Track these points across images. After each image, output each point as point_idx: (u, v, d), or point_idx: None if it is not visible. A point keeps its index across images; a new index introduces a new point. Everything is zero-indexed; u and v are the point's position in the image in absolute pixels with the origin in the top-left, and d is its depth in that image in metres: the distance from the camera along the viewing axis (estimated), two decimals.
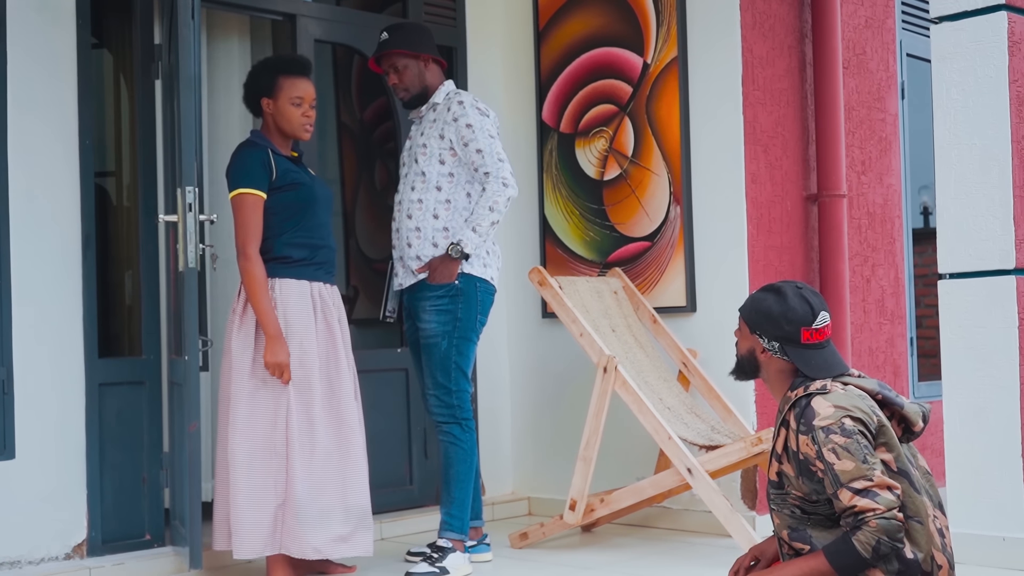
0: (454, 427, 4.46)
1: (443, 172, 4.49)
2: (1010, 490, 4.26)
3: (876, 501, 2.71)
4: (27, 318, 4.31)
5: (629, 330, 5.08)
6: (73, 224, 4.45)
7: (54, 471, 4.36)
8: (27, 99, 4.34)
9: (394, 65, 4.59)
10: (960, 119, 4.42)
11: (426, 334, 4.47)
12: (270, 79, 4.24)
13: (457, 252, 4.38)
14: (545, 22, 5.79)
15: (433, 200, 4.48)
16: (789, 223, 5.30)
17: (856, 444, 2.75)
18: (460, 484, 4.45)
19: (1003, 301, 4.31)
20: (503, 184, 4.43)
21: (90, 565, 4.32)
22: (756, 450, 4.39)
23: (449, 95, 4.60)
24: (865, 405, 2.84)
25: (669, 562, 4.59)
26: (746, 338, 3.05)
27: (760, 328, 2.99)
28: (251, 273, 4.10)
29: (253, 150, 4.20)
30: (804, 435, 2.81)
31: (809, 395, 2.86)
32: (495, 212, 4.43)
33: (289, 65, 4.30)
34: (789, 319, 2.94)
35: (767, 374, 3.03)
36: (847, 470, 2.74)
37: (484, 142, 4.45)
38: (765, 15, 5.25)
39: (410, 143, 4.66)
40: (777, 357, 2.98)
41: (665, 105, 5.32)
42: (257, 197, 4.12)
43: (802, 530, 2.88)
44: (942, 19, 4.48)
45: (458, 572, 4.35)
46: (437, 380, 4.46)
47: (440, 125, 4.51)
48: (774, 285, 3.02)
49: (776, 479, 2.94)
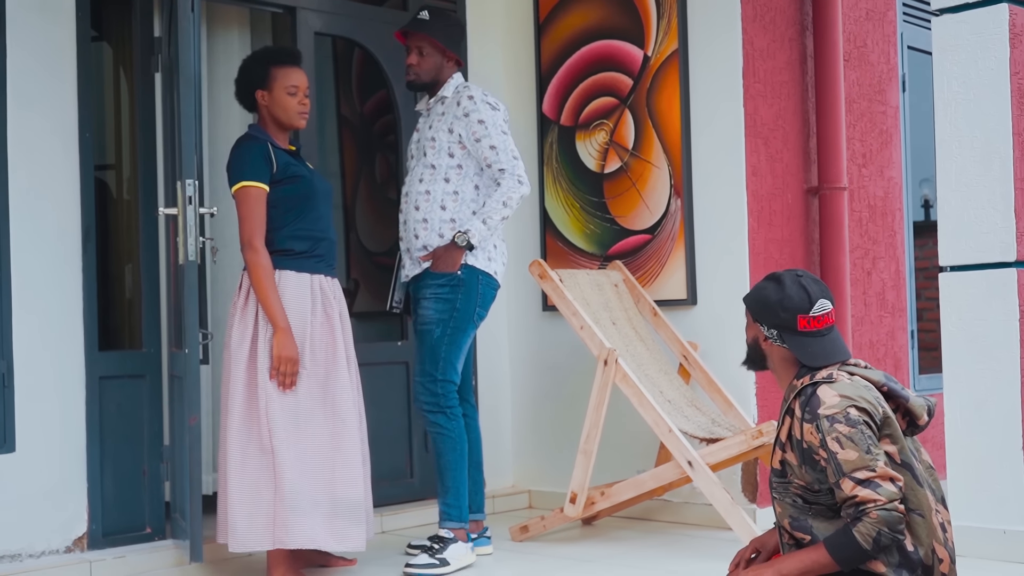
0: (440, 416, 4.45)
1: (452, 164, 4.48)
2: (1011, 483, 4.26)
3: (878, 492, 2.71)
4: (27, 311, 4.31)
5: (630, 323, 5.08)
6: (73, 217, 4.45)
7: (55, 464, 4.37)
8: (27, 92, 4.34)
9: (420, 48, 4.55)
10: (961, 112, 4.42)
11: (421, 320, 4.46)
12: (263, 71, 4.22)
13: (464, 241, 4.37)
14: (545, 14, 5.79)
15: (441, 191, 4.46)
16: (790, 216, 5.30)
17: (860, 434, 2.75)
18: (452, 473, 4.44)
19: (1004, 294, 4.31)
20: (518, 181, 4.43)
21: (91, 558, 4.32)
22: (757, 443, 4.39)
23: (458, 89, 4.57)
24: (871, 396, 2.84)
25: (670, 555, 4.59)
26: (750, 327, 3.07)
27: (760, 316, 3.01)
28: (259, 265, 4.07)
29: (254, 144, 4.19)
30: (808, 423, 2.81)
31: (815, 383, 2.87)
32: (507, 208, 4.42)
33: (280, 55, 4.28)
34: (785, 307, 2.95)
35: (772, 363, 3.05)
36: (850, 460, 2.74)
37: (497, 138, 4.44)
38: (766, 7, 5.24)
39: (417, 135, 4.65)
40: (778, 345, 2.99)
41: (666, 98, 5.32)
42: (260, 190, 4.10)
43: (803, 520, 2.88)
44: (943, 11, 4.47)
45: (459, 562, 4.35)
46: (425, 368, 4.46)
47: (449, 119, 4.49)
48: (776, 274, 3.03)
49: (779, 467, 2.94)
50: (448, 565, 4.31)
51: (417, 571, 4.29)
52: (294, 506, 3.99)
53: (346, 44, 5.89)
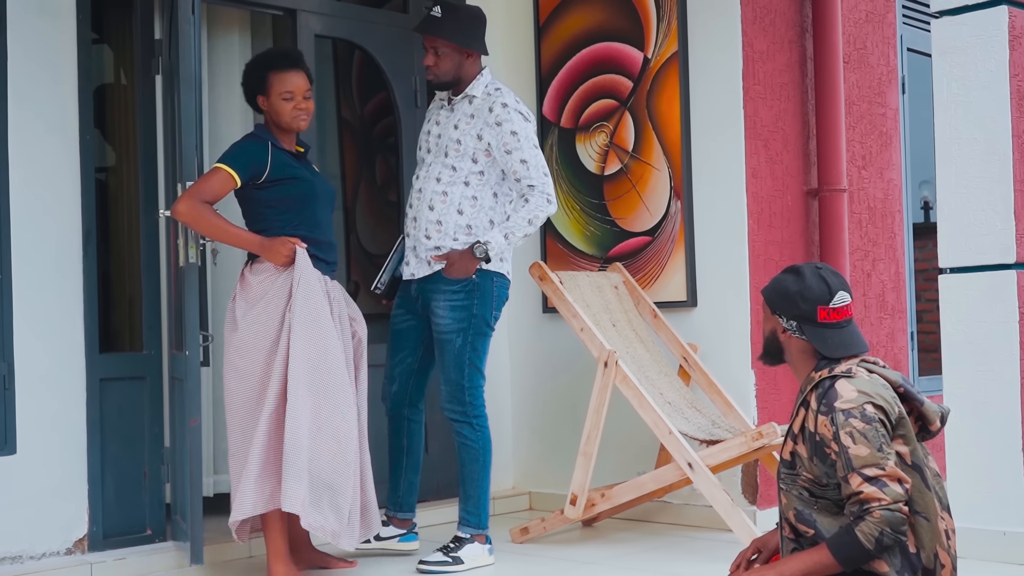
0: (464, 427, 4.45)
1: (474, 170, 4.40)
2: (1011, 484, 4.26)
3: (884, 491, 2.71)
4: (28, 313, 4.31)
5: (630, 325, 5.08)
6: (74, 219, 4.45)
7: (55, 466, 4.37)
8: (27, 94, 4.34)
9: (436, 48, 4.43)
10: (961, 113, 4.42)
11: (440, 330, 4.42)
12: (260, 77, 4.25)
13: (482, 252, 4.33)
14: (546, 17, 5.79)
15: (459, 195, 4.39)
16: (790, 218, 5.30)
17: (874, 431, 2.75)
18: (473, 482, 4.44)
19: (1004, 295, 4.31)
20: (547, 201, 4.39)
21: (91, 560, 4.32)
22: (757, 445, 4.39)
23: (489, 90, 4.45)
24: (888, 395, 2.84)
25: (670, 557, 4.59)
26: (768, 319, 3.06)
27: (779, 308, 3.00)
28: (190, 208, 4.05)
29: (251, 140, 4.23)
30: (824, 415, 2.81)
31: (833, 377, 2.86)
32: (532, 226, 4.38)
33: (276, 60, 4.28)
34: (805, 297, 2.94)
35: (789, 355, 3.03)
36: (861, 456, 2.74)
37: (529, 153, 4.37)
38: (766, 10, 5.24)
39: (438, 129, 4.51)
40: (796, 337, 2.98)
41: (666, 100, 5.32)
42: (229, 175, 4.10)
43: (808, 513, 2.87)
44: (943, 13, 4.48)
45: (474, 562, 4.37)
46: (450, 376, 4.43)
47: (479, 124, 4.40)
48: (795, 266, 3.03)
49: (789, 459, 2.94)
50: (462, 563, 4.32)
51: (430, 568, 4.30)
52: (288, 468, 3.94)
53: (346, 46, 5.89)
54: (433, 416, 5.04)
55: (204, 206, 4.07)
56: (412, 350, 4.57)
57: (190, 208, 4.05)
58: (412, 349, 4.57)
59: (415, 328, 4.55)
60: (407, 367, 4.58)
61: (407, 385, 4.58)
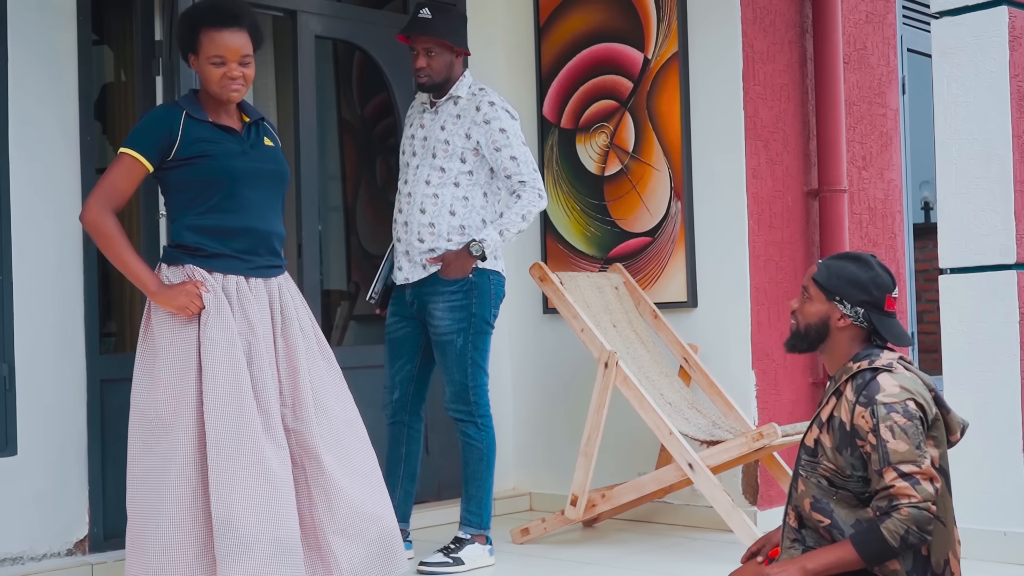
0: (469, 427, 4.45)
1: (463, 170, 4.41)
2: (1011, 484, 4.27)
3: (916, 489, 2.69)
4: (29, 314, 4.32)
5: (630, 325, 5.08)
6: (74, 220, 4.44)
7: (56, 467, 4.37)
8: (28, 96, 4.34)
9: (428, 49, 4.43)
10: (961, 114, 4.42)
11: (440, 332, 4.43)
12: (190, 34, 3.50)
13: (479, 251, 4.33)
14: (546, 17, 5.79)
15: (450, 196, 4.40)
16: (790, 218, 5.31)
17: (915, 428, 2.74)
18: (476, 482, 4.45)
19: (1004, 296, 4.31)
20: (539, 195, 4.41)
21: (92, 561, 4.33)
22: (757, 445, 4.39)
23: (473, 90, 4.48)
24: (927, 395, 2.84)
25: (670, 557, 4.59)
26: (821, 304, 2.95)
27: (843, 293, 2.92)
28: (93, 220, 3.38)
29: (161, 111, 3.54)
30: (863, 407, 2.78)
31: (875, 370, 2.83)
32: (525, 221, 4.40)
33: (209, 16, 3.48)
34: (877, 284, 2.91)
35: (833, 343, 2.95)
36: (899, 451, 2.72)
37: (518, 149, 4.40)
38: (766, 10, 5.25)
39: (423, 132, 4.51)
40: (855, 324, 2.93)
41: (666, 100, 5.32)
42: (134, 161, 3.41)
43: (825, 502, 2.84)
44: (943, 14, 4.48)
45: (475, 563, 4.37)
46: (453, 377, 4.43)
47: (466, 123, 4.42)
48: (851, 253, 2.99)
49: (812, 446, 2.91)
50: (462, 564, 4.32)
51: (431, 569, 4.30)
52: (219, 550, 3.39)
53: (347, 47, 5.90)
54: (433, 416, 5.04)
55: (108, 219, 3.41)
56: (410, 357, 4.57)
57: (93, 220, 3.40)
58: (410, 356, 4.57)
59: (411, 335, 4.55)
60: (407, 374, 4.58)
61: (408, 392, 4.58)
